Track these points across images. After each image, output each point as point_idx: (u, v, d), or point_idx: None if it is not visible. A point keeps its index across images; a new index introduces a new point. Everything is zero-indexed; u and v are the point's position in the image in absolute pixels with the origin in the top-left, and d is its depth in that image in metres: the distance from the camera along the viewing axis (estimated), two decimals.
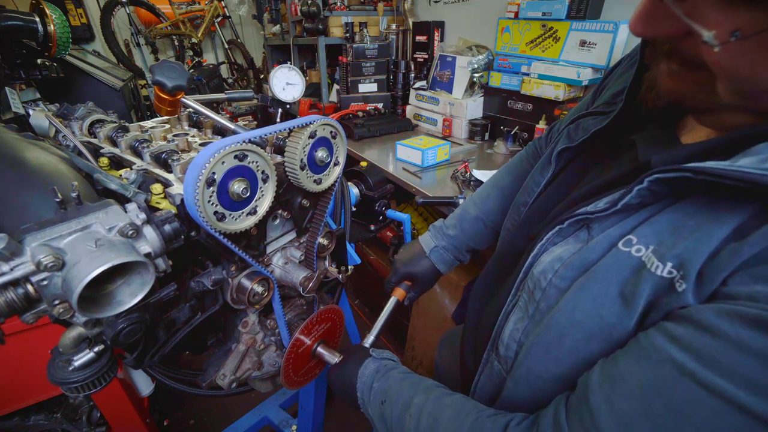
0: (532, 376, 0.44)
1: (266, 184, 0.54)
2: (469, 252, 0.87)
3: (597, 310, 0.37)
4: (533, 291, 0.45)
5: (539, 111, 1.65)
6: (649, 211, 0.38)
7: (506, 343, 0.48)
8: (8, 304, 0.38)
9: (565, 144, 0.55)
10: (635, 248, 0.36)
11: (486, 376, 0.54)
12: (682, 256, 0.33)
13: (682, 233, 0.34)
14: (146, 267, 0.42)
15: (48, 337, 1.03)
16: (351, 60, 2.23)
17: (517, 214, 0.62)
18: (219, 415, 1.69)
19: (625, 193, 0.37)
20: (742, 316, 0.27)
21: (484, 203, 0.85)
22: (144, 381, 1.25)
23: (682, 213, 0.35)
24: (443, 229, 0.87)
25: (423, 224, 2.06)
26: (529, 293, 0.46)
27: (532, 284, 0.45)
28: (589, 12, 1.43)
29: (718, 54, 0.31)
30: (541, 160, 0.60)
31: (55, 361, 0.51)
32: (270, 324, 0.71)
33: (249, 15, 3.99)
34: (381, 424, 0.55)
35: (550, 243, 0.46)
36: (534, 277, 0.45)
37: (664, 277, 0.33)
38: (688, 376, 0.29)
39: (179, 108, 0.77)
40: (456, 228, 0.85)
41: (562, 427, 0.36)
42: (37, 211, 0.46)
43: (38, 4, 1.41)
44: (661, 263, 0.34)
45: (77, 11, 3.26)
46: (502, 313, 0.50)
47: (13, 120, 1.20)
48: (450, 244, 0.85)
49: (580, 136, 0.53)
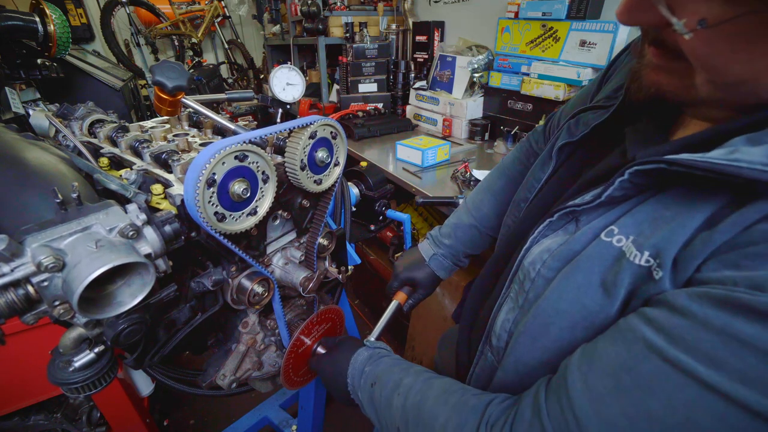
0: (519, 364, 0.45)
1: (266, 185, 0.54)
2: (467, 257, 0.88)
3: (580, 299, 0.39)
4: (523, 282, 0.47)
5: (539, 111, 1.65)
6: (631, 203, 0.39)
7: (498, 333, 0.50)
8: (9, 305, 0.38)
9: (565, 139, 0.55)
10: (616, 238, 0.38)
11: (480, 368, 0.55)
12: (658, 246, 0.34)
13: (659, 224, 0.35)
14: (147, 268, 0.42)
15: (48, 337, 1.03)
16: (351, 60, 2.23)
17: (517, 211, 0.62)
18: (219, 415, 1.69)
19: (608, 185, 0.39)
20: (710, 297, 0.29)
21: (477, 210, 0.85)
22: (144, 381, 1.25)
23: (660, 204, 0.37)
24: (439, 238, 0.88)
25: (423, 224, 2.06)
26: (519, 284, 0.48)
27: (522, 275, 0.47)
28: (589, 12, 1.43)
29: (692, 43, 0.31)
30: (542, 156, 0.60)
31: (56, 361, 0.51)
32: (270, 324, 0.71)
33: (249, 15, 3.99)
34: (370, 407, 0.56)
35: (541, 235, 0.47)
36: (524, 269, 0.47)
37: (642, 265, 0.35)
38: (656, 352, 0.30)
39: (179, 108, 0.77)
40: (451, 237, 0.86)
41: (541, 407, 0.37)
42: (37, 212, 0.46)
43: (38, 4, 1.41)
44: (639, 252, 0.35)
45: (77, 11, 3.26)
46: (496, 306, 0.52)
47: (13, 120, 1.19)
48: (447, 252, 0.86)
49: (580, 131, 0.53)
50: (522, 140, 0.86)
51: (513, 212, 0.64)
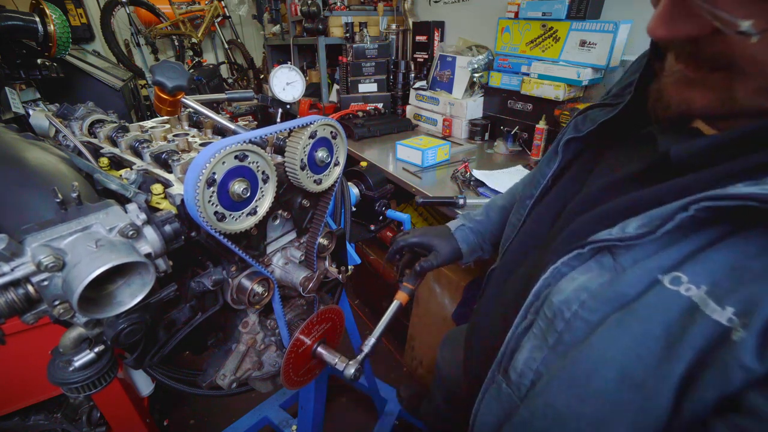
0: (550, 410, 0.41)
1: (266, 185, 0.54)
2: (492, 245, 0.86)
3: (635, 350, 0.34)
4: (553, 320, 0.41)
5: (539, 111, 1.65)
6: (693, 243, 0.33)
7: (520, 370, 0.45)
8: (9, 305, 0.38)
9: (572, 134, 0.55)
10: (684, 287, 0.32)
11: (492, 396, 0.51)
12: (746, 302, 0.28)
13: (743, 277, 0.30)
14: (147, 267, 0.42)
15: (48, 337, 1.03)
16: (351, 60, 2.23)
17: (522, 208, 0.61)
18: (219, 415, 1.69)
19: (665, 219, 0.33)
20: None
21: (510, 195, 0.85)
22: (144, 381, 1.25)
23: (739, 251, 0.31)
24: (470, 215, 0.87)
25: (423, 224, 2.06)
26: (547, 321, 0.42)
27: (551, 313, 0.41)
28: (589, 12, 1.43)
29: (755, 46, 0.29)
30: (548, 153, 0.60)
31: (56, 361, 0.51)
32: (270, 324, 0.71)
33: (249, 15, 3.99)
34: None
35: (566, 266, 0.42)
36: (554, 306, 0.41)
37: (720, 323, 0.29)
38: None
39: (179, 108, 0.77)
40: (483, 215, 0.86)
41: None
42: (37, 212, 0.46)
43: (38, 4, 1.41)
44: (719, 307, 0.30)
45: (77, 11, 3.26)
46: (511, 334, 0.47)
47: (13, 120, 1.20)
48: (476, 227, 0.85)
49: (587, 127, 0.53)
50: None
51: (518, 210, 0.63)
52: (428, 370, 1.75)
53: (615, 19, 1.37)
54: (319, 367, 0.77)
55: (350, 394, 1.79)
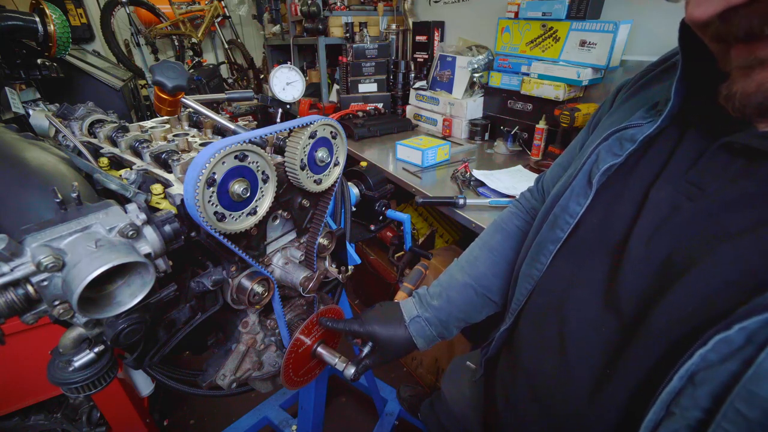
0: None
1: (266, 185, 0.54)
2: (457, 328, 0.72)
3: None
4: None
5: (539, 111, 1.65)
6: None
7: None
8: (8, 305, 0.38)
9: (611, 161, 0.46)
10: None
11: None
12: None
13: None
14: (146, 267, 0.42)
15: (48, 337, 1.03)
16: (351, 60, 2.23)
17: (544, 256, 0.52)
18: (219, 415, 1.69)
19: None
20: None
21: (472, 267, 0.73)
22: (144, 381, 1.25)
23: None
24: (426, 297, 0.73)
25: (423, 224, 2.06)
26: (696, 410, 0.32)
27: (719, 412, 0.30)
28: (589, 12, 1.43)
29: None
30: (572, 187, 0.50)
31: (55, 361, 0.51)
32: (270, 324, 0.71)
33: (249, 15, 3.99)
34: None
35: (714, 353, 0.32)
36: None
37: None
38: None
39: (179, 108, 0.77)
40: (441, 298, 0.71)
41: None
42: (37, 212, 0.46)
43: (38, 4, 1.41)
44: None
45: (77, 11, 3.26)
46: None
47: (13, 120, 1.19)
48: (434, 316, 0.70)
49: (626, 149, 0.46)
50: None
51: (538, 258, 0.53)
52: (428, 370, 1.75)
53: (615, 19, 1.37)
54: (319, 367, 0.77)
55: (350, 394, 1.80)
